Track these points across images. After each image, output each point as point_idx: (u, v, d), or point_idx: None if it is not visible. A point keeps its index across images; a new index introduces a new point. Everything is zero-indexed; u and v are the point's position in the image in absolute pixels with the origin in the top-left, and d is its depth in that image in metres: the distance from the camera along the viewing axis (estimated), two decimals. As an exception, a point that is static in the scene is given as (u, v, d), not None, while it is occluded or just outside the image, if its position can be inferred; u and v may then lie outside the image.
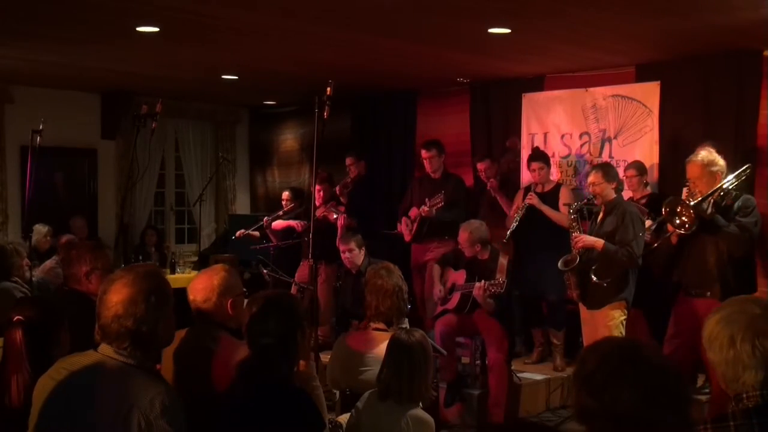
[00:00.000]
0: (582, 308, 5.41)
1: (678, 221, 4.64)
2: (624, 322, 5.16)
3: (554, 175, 7.05)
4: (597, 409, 1.79)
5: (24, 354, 2.68)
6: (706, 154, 4.83)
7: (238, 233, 7.97)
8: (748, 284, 5.64)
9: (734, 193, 4.80)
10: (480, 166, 7.15)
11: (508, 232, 6.27)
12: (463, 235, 5.77)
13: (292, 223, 7.58)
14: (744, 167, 4.86)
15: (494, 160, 7.20)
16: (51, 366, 2.42)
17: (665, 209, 4.75)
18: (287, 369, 2.66)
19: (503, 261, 5.68)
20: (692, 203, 4.65)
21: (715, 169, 4.75)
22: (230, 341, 3.06)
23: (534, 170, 6.45)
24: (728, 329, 2.04)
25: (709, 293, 4.71)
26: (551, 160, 6.79)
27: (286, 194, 7.98)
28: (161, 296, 2.38)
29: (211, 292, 3.11)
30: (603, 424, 1.79)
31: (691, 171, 4.83)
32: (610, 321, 5.14)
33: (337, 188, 7.49)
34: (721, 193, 4.73)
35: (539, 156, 6.61)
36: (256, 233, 7.87)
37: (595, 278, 5.10)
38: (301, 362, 2.91)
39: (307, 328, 2.79)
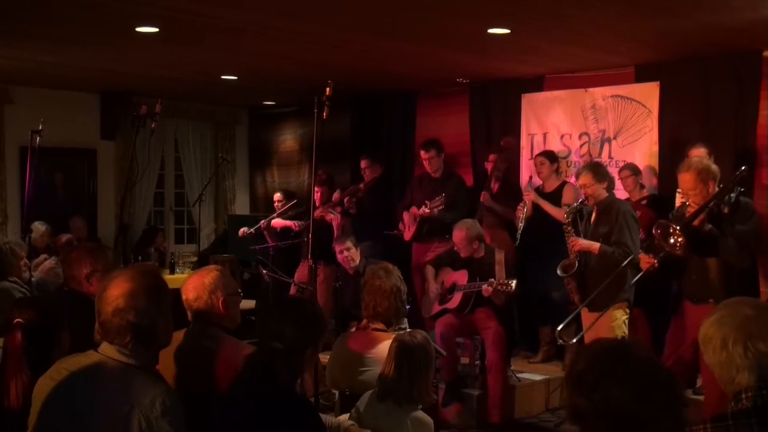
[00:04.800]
0: (584, 311, 5.39)
1: (672, 241, 4.37)
2: (627, 322, 5.13)
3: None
4: (589, 409, 1.80)
5: (23, 356, 2.67)
6: (697, 161, 4.58)
7: (240, 232, 7.92)
8: (753, 291, 5.57)
9: (731, 197, 4.49)
10: (492, 157, 7.02)
11: (518, 234, 6.24)
12: (459, 235, 5.73)
13: (288, 223, 7.57)
14: (739, 171, 4.55)
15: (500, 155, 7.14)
16: (51, 367, 2.41)
17: (657, 231, 4.47)
18: (289, 377, 2.60)
19: (500, 257, 5.67)
20: (680, 226, 4.35)
21: (708, 177, 4.46)
22: (232, 341, 3.05)
23: (536, 165, 6.45)
24: (721, 331, 2.06)
25: (711, 300, 4.46)
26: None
27: (277, 196, 7.98)
28: (161, 292, 2.40)
29: (202, 289, 3.09)
30: (595, 423, 1.80)
31: (684, 182, 4.55)
32: (612, 321, 5.09)
33: (345, 196, 7.25)
34: (717, 203, 4.43)
35: (544, 152, 6.58)
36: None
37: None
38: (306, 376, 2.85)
39: (320, 346, 2.71)
